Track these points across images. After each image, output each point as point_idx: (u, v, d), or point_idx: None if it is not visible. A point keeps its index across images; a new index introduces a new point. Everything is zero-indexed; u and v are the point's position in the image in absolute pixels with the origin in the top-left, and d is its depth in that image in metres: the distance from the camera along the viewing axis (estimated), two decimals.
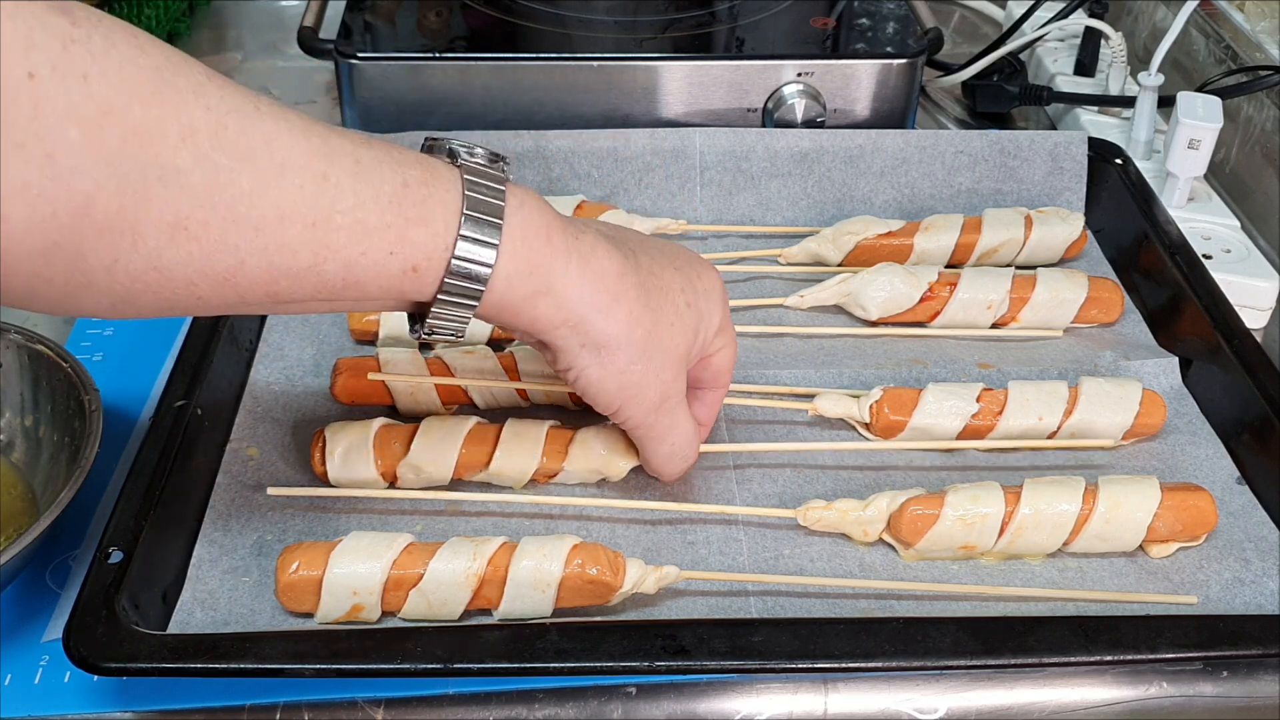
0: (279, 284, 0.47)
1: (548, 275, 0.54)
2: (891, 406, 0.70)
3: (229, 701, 0.57)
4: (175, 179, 0.42)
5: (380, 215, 0.48)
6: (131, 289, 0.44)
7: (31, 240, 0.40)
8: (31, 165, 0.38)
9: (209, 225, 0.44)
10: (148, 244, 0.43)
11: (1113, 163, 0.90)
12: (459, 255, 0.51)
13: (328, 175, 0.47)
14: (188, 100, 0.43)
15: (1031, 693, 0.59)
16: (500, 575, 0.59)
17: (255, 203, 0.45)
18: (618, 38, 0.98)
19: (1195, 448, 0.72)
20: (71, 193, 0.40)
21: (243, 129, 0.44)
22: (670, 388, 0.60)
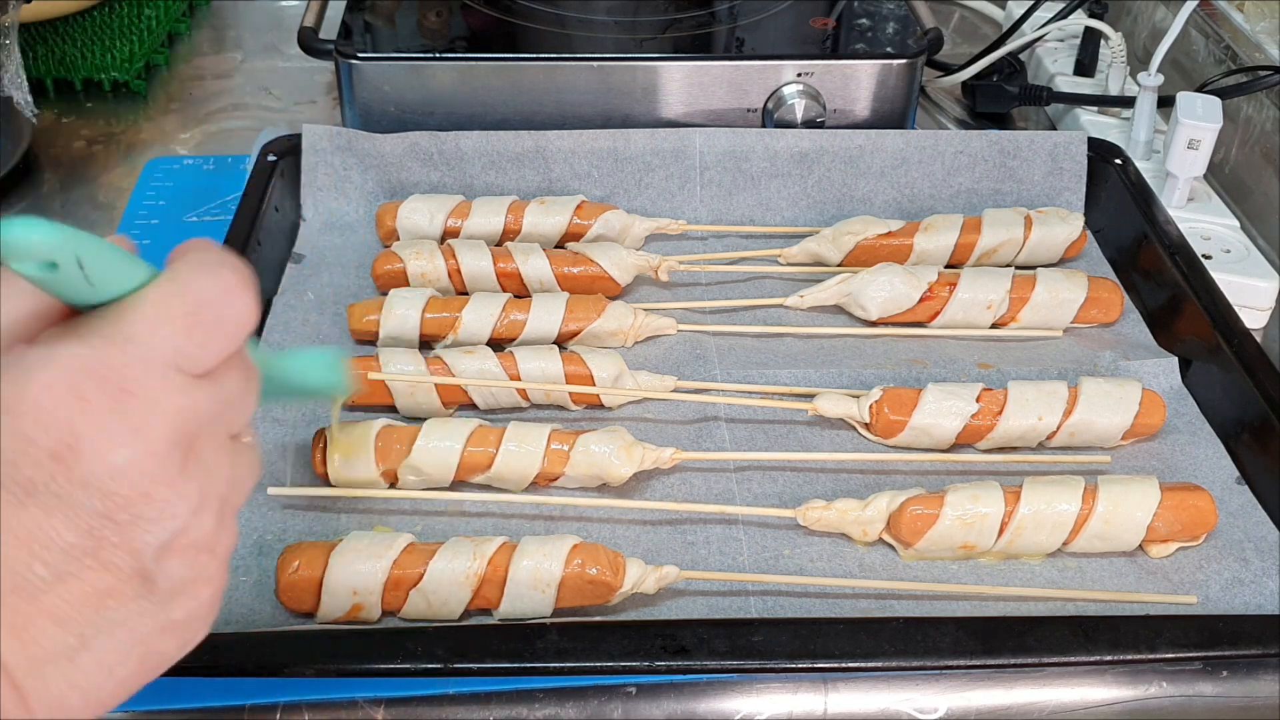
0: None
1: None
2: (891, 406, 0.70)
3: (229, 701, 0.57)
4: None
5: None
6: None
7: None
8: None
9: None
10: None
11: (1112, 163, 0.90)
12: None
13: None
14: None
15: (1031, 692, 0.59)
16: (500, 575, 0.59)
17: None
18: (618, 38, 0.98)
19: (1195, 448, 0.72)
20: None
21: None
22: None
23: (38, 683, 0.34)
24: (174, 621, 0.37)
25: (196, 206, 0.93)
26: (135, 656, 0.37)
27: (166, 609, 0.37)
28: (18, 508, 0.33)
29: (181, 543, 0.36)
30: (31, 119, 0.95)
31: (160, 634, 0.37)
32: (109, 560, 0.34)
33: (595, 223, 0.85)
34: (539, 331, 0.76)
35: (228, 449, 0.38)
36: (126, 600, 0.35)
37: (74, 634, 0.34)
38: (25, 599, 0.33)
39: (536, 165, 0.88)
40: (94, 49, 1.09)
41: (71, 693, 0.35)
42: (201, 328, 0.36)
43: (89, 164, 1.00)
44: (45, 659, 0.34)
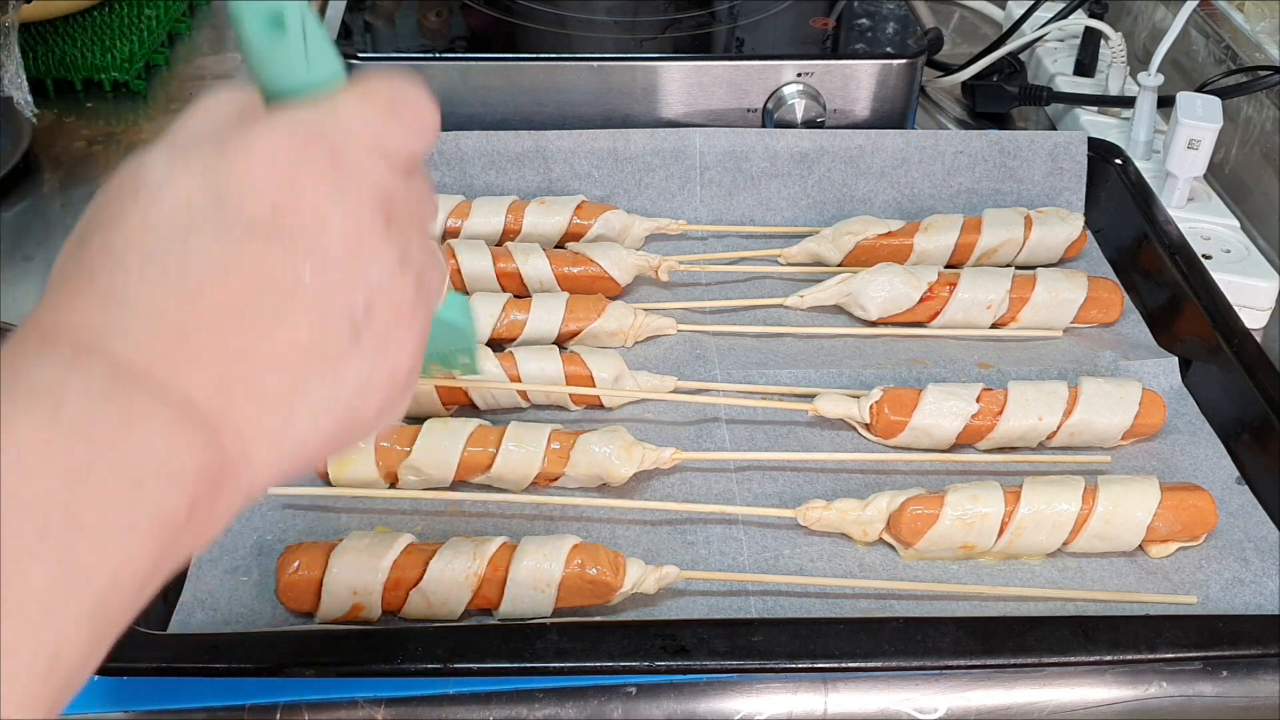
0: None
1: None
2: (891, 407, 0.70)
3: (229, 701, 0.57)
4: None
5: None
6: None
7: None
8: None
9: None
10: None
11: (1112, 163, 0.90)
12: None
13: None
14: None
15: (1031, 692, 0.59)
16: (500, 575, 0.59)
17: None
18: (618, 38, 0.98)
19: (1195, 448, 0.72)
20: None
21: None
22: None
23: (253, 417, 0.35)
24: (375, 383, 0.39)
25: None
26: (339, 411, 0.38)
27: (369, 367, 0.38)
28: (241, 246, 0.35)
29: (384, 302, 0.38)
30: (31, 119, 0.95)
31: (362, 393, 0.38)
32: (323, 305, 0.36)
33: (595, 223, 0.85)
34: (539, 332, 0.76)
35: (420, 237, 0.40)
36: (335, 350, 0.37)
37: (288, 375, 0.36)
38: (243, 335, 0.35)
39: (536, 165, 0.88)
40: (94, 49, 1.09)
41: (282, 434, 0.36)
42: (398, 119, 0.38)
43: (89, 164, 1.00)
44: (261, 395, 0.35)
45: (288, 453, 0.37)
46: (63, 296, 0.35)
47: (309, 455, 0.38)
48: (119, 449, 0.32)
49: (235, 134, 0.36)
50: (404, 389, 0.41)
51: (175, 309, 0.34)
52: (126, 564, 0.32)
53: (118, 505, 0.31)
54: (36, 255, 0.90)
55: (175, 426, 0.33)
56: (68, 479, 0.30)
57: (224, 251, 0.35)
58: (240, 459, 0.35)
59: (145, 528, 0.32)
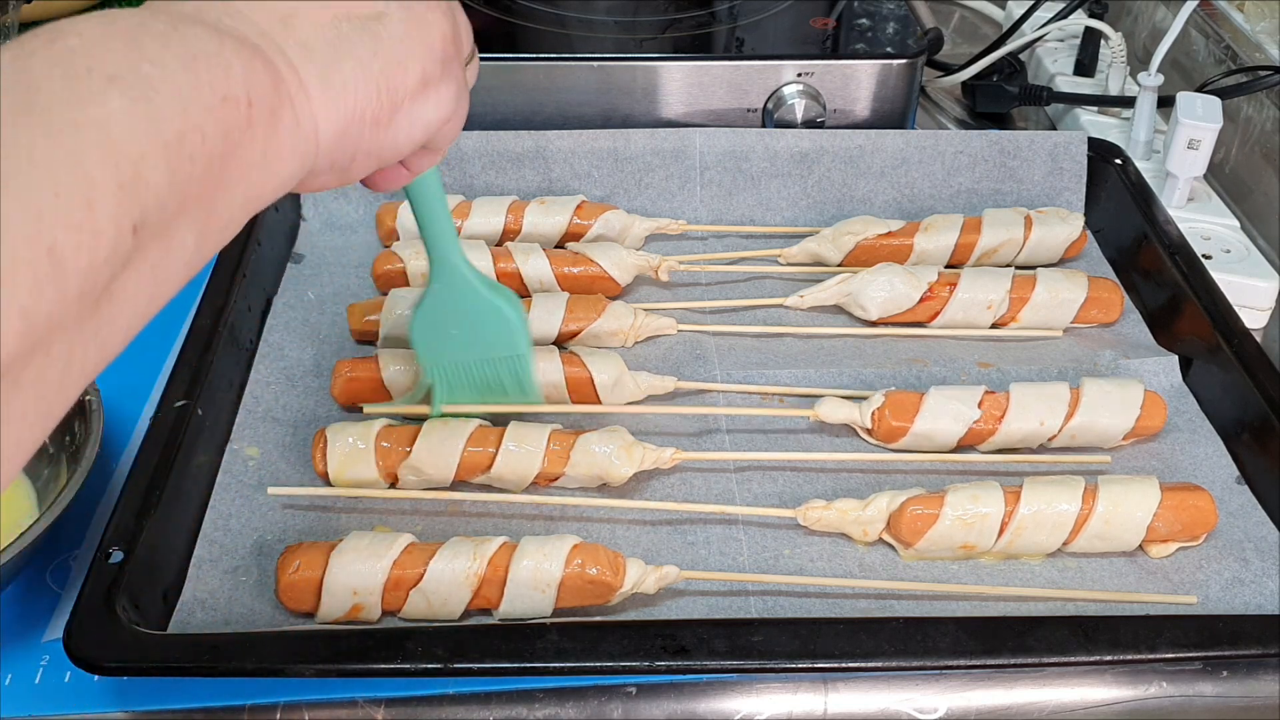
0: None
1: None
2: (893, 412, 0.70)
3: (229, 701, 0.57)
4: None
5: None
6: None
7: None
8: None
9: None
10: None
11: (1112, 163, 0.90)
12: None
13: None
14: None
15: (1031, 693, 0.59)
16: (500, 575, 0.59)
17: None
18: (618, 38, 0.98)
19: (1195, 447, 0.72)
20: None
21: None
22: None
23: (300, 53, 0.40)
24: (410, 45, 0.44)
25: None
26: (379, 64, 0.42)
27: (401, 26, 0.43)
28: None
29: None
30: None
31: (399, 54, 0.43)
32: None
33: (595, 223, 0.85)
34: (539, 331, 0.76)
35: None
36: (370, 10, 0.43)
37: (328, 27, 0.41)
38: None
39: (536, 165, 0.88)
40: None
41: (332, 72, 0.41)
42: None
43: None
44: (307, 40, 0.40)
45: (335, 93, 0.41)
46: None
47: (360, 100, 0.42)
48: (172, 37, 0.36)
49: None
50: (441, 60, 0.45)
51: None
52: (195, 121, 0.35)
53: (177, 71, 0.35)
54: None
55: (223, 38, 0.37)
56: (127, 50, 0.34)
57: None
58: (294, 83, 0.39)
59: (208, 95, 0.36)
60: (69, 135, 0.32)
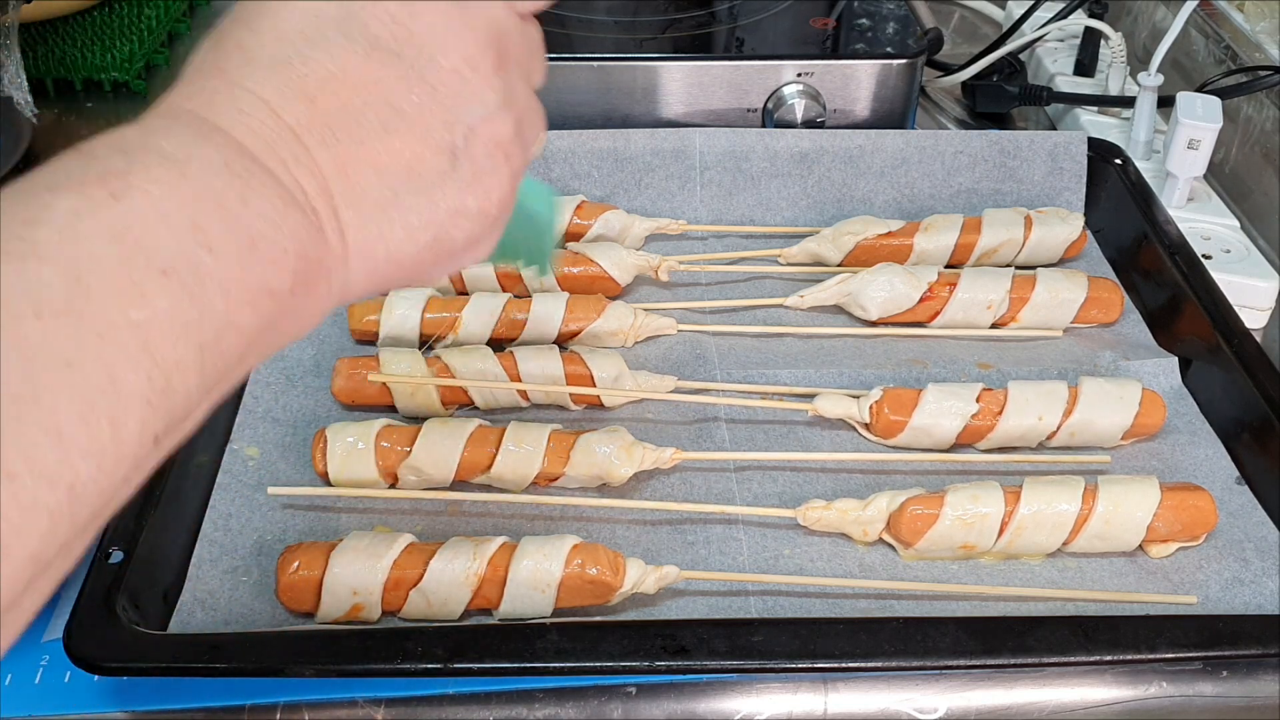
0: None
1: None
2: (891, 407, 0.70)
3: (229, 701, 0.57)
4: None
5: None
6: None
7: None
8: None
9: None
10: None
11: (1112, 163, 0.90)
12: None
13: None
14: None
15: (1031, 693, 0.59)
16: (500, 575, 0.59)
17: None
18: (618, 38, 0.98)
19: (1195, 448, 0.72)
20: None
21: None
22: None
23: (353, 218, 0.38)
24: (467, 208, 0.41)
25: None
26: (432, 228, 0.40)
27: (463, 194, 0.40)
28: (363, 58, 0.37)
29: (485, 132, 0.40)
30: (31, 119, 0.95)
31: (455, 216, 0.40)
32: (428, 127, 0.39)
33: (595, 223, 0.85)
34: (539, 331, 0.76)
35: (527, 83, 0.43)
36: (434, 171, 0.39)
37: (388, 187, 0.38)
38: (354, 141, 0.37)
39: (536, 165, 0.88)
40: (94, 49, 1.09)
41: (376, 242, 0.39)
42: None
43: None
44: (362, 201, 0.38)
45: (380, 259, 0.39)
46: (195, 84, 0.37)
47: (400, 268, 0.40)
48: (237, 212, 0.34)
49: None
50: (493, 224, 0.43)
51: (294, 108, 0.37)
52: (234, 319, 0.34)
53: (233, 260, 0.34)
54: None
55: (285, 206, 0.36)
56: (191, 231, 0.33)
57: (345, 62, 0.37)
58: (338, 253, 0.38)
59: (254, 289, 0.35)
60: (107, 342, 0.30)
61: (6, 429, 0.28)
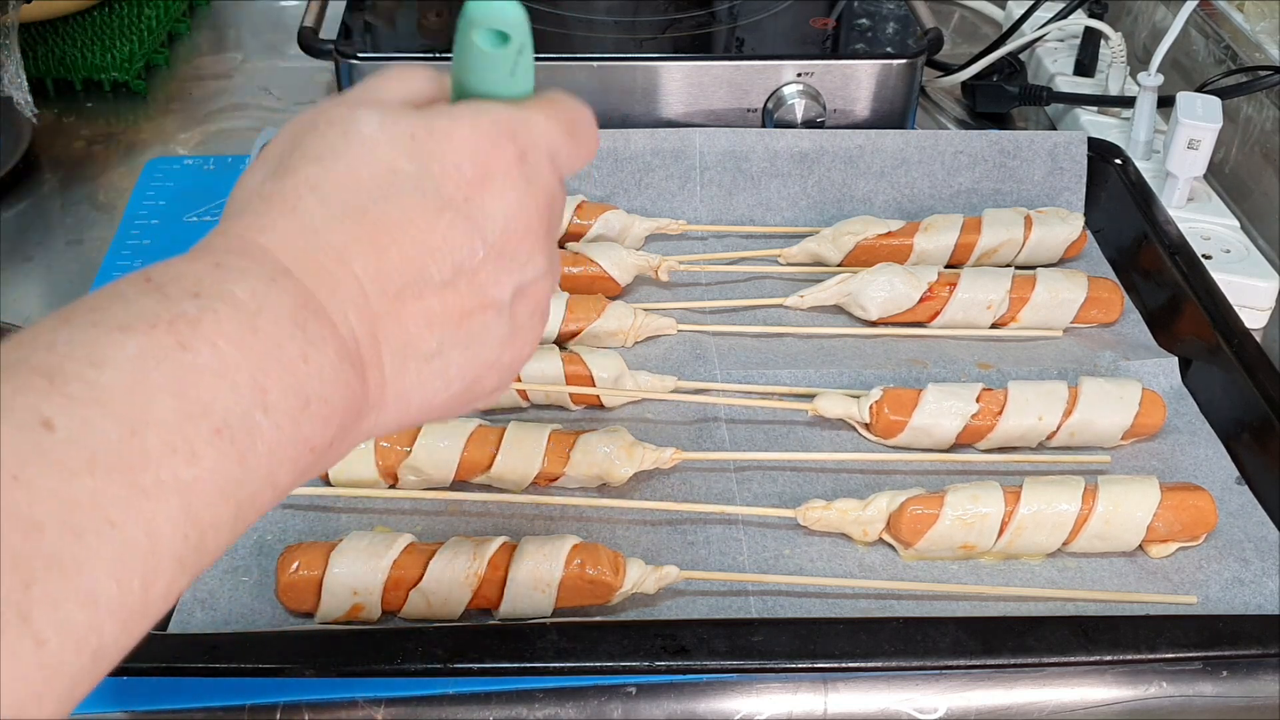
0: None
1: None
2: (891, 407, 0.70)
3: (229, 701, 0.57)
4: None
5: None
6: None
7: None
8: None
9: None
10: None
11: (1112, 163, 0.90)
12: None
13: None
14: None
15: (1031, 693, 0.59)
16: (500, 575, 0.59)
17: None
18: (618, 38, 0.98)
19: (1195, 448, 0.72)
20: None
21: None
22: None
23: (396, 369, 0.39)
24: (503, 362, 0.42)
25: (196, 206, 0.93)
26: (467, 379, 0.41)
27: (502, 349, 0.42)
28: (434, 218, 0.38)
29: (530, 292, 0.42)
30: (31, 119, 0.95)
31: (490, 368, 0.42)
32: (483, 285, 0.40)
33: (595, 223, 0.85)
34: None
35: (555, 243, 0.44)
36: (482, 326, 0.40)
37: (436, 339, 0.39)
38: (415, 295, 0.38)
39: None
40: (94, 49, 1.09)
41: (415, 390, 0.39)
42: (574, 138, 0.43)
43: (89, 164, 1.00)
44: (409, 351, 0.39)
45: (413, 406, 0.40)
46: (265, 218, 0.37)
47: (428, 415, 0.41)
48: (298, 371, 0.35)
49: (441, 115, 0.40)
50: (513, 374, 0.44)
51: (363, 258, 0.37)
52: (274, 477, 0.34)
53: (285, 420, 0.34)
54: (36, 255, 0.90)
55: (340, 361, 0.36)
56: (250, 391, 0.33)
57: (417, 218, 0.38)
58: (375, 400, 0.38)
59: (299, 447, 0.35)
60: (152, 500, 0.30)
61: (43, 591, 0.28)
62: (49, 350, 0.31)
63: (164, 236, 0.89)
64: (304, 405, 0.35)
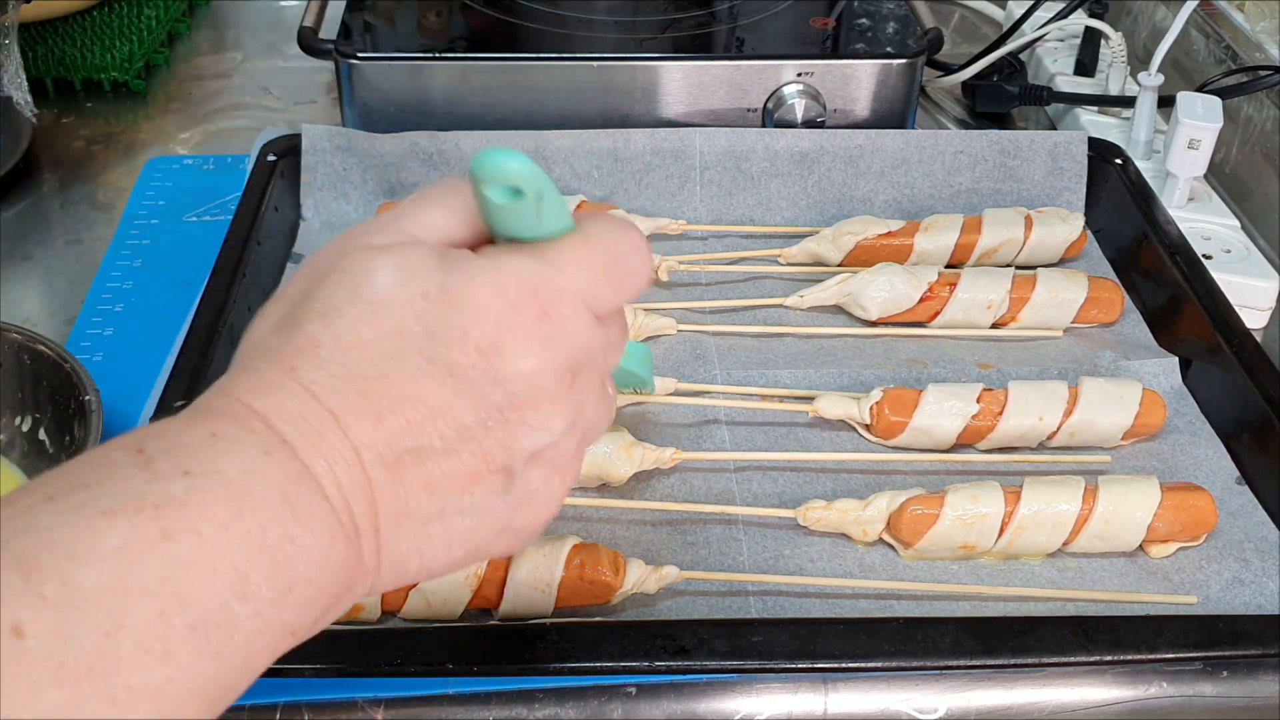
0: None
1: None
2: (892, 408, 0.70)
3: None
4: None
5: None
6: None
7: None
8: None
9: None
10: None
11: (1113, 163, 0.90)
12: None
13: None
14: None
15: (1031, 693, 0.59)
16: (500, 575, 0.59)
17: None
18: (618, 38, 0.98)
19: (1195, 448, 0.72)
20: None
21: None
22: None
23: (392, 535, 0.37)
24: (514, 527, 0.40)
25: (196, 206, 0.93)
26: (472, 544, 0.39)
27: (513, 513, 0.39)
28: (439, 384, 0.36)
29: (547, 455, 0.40)
30: (31, 119, 0.95)
31: (499, 534, 0.40)
32: (489, 450, 0.38)
33: None
34: None
35: (598, 388, 0.42)
36: (488, 492, 0.38)
37: (437, 505, 0.37)
38: (414, 462, 0.36)
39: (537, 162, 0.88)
40: (94, 49, 1.09)
41: (412, 555, 0.38)
42: (612, 276, 0.40)
43: (89, 164, 1.00)
44: (407, 518, 0.37)
45: (411, 570, 0.38)
46: (262, 378, 0.36)
47: (429, 575, 0.39)
48: (284, 555, 0.33)
49: (460, 270, 0.38)
50: (535, 536, 0.42)
51: (361, 426, 0.36)
52: (252, 665, 0.33)
53: (265, 610, 0.33)
54: (36, 255, 0.90)
55: (331, 539, 0.35)
56: (231, 581, 0.32)
57: (421, 386, 0.36)
58: (370, 568, 0.37)
59: (278, 634, 0.34)
60: (119, 707, 0.29)
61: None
62: (28, 534, 0.30)
63: (164, 236, 0.89)
64: (287, 590, 0.33)
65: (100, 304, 0.82)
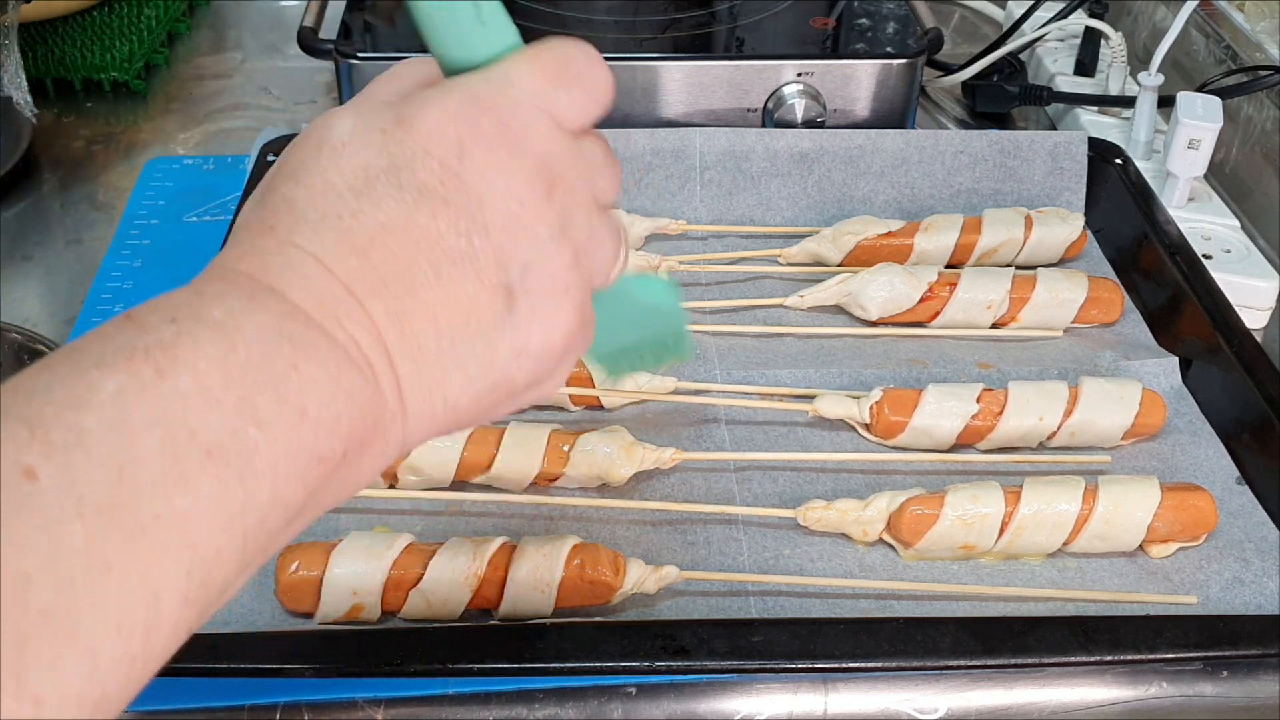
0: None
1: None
2: (891, 407, 0.70)
3: (229, 701, 0.57)
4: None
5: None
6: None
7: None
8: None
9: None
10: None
11: (1113, 163, 0.90)
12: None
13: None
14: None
15: (1031, 693, 0.59)
16: (500, 575, 0.59)
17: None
18: (618, 38, 0.98)
19: (1195, 448, 0.72)
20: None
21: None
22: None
23: (410, 371, 0.37)
24: (529, 349, 0.39)
25: (196, 206, 0.93)
26: (492, 374, 0.39)
27: (523, 333, 0.39)
28: (411, 208, 0.36)
29: (540, 271, 0.39)
30: (31, 119, 0.95)
31: (514, 359, 0.39)
32: (481, 267, 0.37)
33: None
34: None
35: (587, 207, 0.41)
36: (490, 314, 0.38)
37: (445, 335, 0.37)
38: (408, 292, 0.36)
39: None
40: (94, 49, 1.09)
41: (435, 392, 0.37)
42: (567, 81, 0.39)
43: (89, 164, 1.00)
44: (419, 352, 0.37)
45: (439, 411, 0.38)
46: (245, 244, 0.37)
47: (458, 417, 0.39)
48: (289, 380, 0.33)
49: (412, 102, 0.38)
50: (558, 361, 0.41)
51: (346, 263, 0.36)
52: (281, 495, 0.33)
53: (281, 435, 0.33)
54: (36, 255, 0.90)
55: (340, 368, 0.35)
56: (238, 407, 0.32)
57: (394, 213, 0.37)
58: (395, 408, 0.37)
59: (304, 460, 0.33)
60: (148, 536, 0.29)
61: (37, 650, 0.27)
62: (29, 398, 0.30)
63: (164, 236, 0.89)
64: (302, 414, 0.33)
65: (100, 304, 0.82)
